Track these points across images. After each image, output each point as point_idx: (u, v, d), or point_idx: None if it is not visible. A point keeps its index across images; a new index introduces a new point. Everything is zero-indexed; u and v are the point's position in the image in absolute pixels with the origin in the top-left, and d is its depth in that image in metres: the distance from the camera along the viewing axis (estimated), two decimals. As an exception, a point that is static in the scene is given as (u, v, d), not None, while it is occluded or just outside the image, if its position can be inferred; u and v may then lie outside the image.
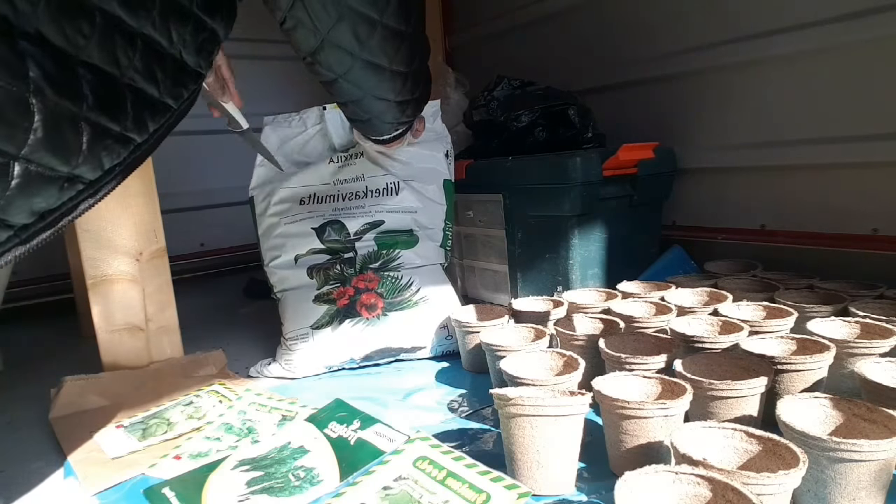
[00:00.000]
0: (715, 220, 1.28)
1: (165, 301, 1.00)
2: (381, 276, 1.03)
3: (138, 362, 0.98)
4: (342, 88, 0.69)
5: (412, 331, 0.99)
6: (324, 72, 0.67)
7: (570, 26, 1.54)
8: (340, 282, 1.03)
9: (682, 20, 1.28)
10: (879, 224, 1.04)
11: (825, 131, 1.08)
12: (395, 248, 1.07)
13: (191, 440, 0.75)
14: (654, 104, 1.36)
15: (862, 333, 0.74)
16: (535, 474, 0.59)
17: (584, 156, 1.07)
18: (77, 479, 0.69)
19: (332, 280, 1.03)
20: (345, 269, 1.03)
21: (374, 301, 0.99)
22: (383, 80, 0.67)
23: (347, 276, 1.03)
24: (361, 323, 0.98)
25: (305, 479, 0.63)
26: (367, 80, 0.67)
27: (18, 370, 1.14)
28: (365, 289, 1.01)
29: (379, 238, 1.08)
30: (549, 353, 0.76)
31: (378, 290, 1.01)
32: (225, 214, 1.90)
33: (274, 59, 1.89)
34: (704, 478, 0.47)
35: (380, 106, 0.72)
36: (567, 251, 1.10)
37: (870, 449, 0.48)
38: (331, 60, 0.64)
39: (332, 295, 1.01)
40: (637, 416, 0.58)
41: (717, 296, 0.92)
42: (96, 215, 0.93)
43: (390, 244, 1.07)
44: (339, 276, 1.03)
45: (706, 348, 0.73)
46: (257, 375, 1.00)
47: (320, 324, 0.99)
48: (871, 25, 0.99)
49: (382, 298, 1.00)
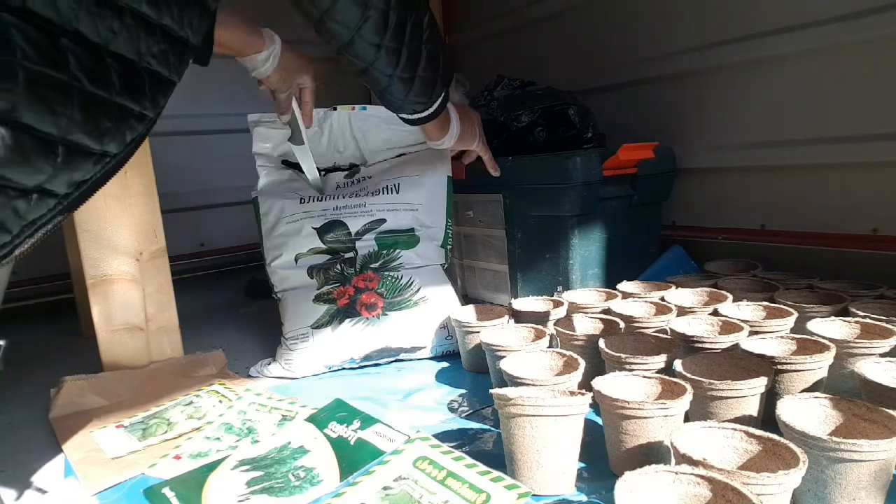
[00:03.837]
0: (715, 220, 1.28)
1: (165, 301, 1.00)
2: (382, 276, 1.03)
3: (138, 362, 0.98)
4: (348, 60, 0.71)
5: (412, 330, 0.99)
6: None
7: (571, 26, 1.54)
8: (340, 281, 1.03)
9: (682, 20, 1.28)
10: (879, 224, 1.04)
11: (825, 131, 1.08)
12: (395, 248, 1.07)
13: (191, 440, 0.75)
14: (654, 104, 1.36)
15: (862, 333, 0.74)
16: (535, 474, 0.59)
17: (584, 156, 1.07)
18: (77, 479, 0.69)
19: (333, 280, 1.03)
20: (345, 269, 1.03)
21: (374, 300, 0.99)
22: (380, 55, 0.68)
23: (348, 275, 1.03)
24: (361, 322, 0.98)
25: (305, 479, 0.63)
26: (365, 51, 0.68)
27: (18, 370, 1.14)
28: (365, 288, 1.01)
29: (380, 238, 1.07)
30: (549, 353, 0.76)
31: (378, 289, 1.01)
32: (225, 214, 1.90)
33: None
34: (704, 478, 0.47)
35: (383, 81, 0.73)
36: (567, 251, 1.10)
37: (870, 449, 0.48)
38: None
39: (333, 294, 1.01)
40: (637, 416, 0.58)
41: (717, 296, 0.92)
42: (96, 215, 0.93)
43: (391, 244, 1.07)
44: (340, 276, 1.03)
45: (706, 348, 0.73)
46: (257, 375, 1.00)
47: (320, 323, 0.99)
48: (872, 25, 0.99)
49: (383, 298, 1.00)
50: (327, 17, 0.62)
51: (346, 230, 1.06)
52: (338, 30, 0.63)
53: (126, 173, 0.95)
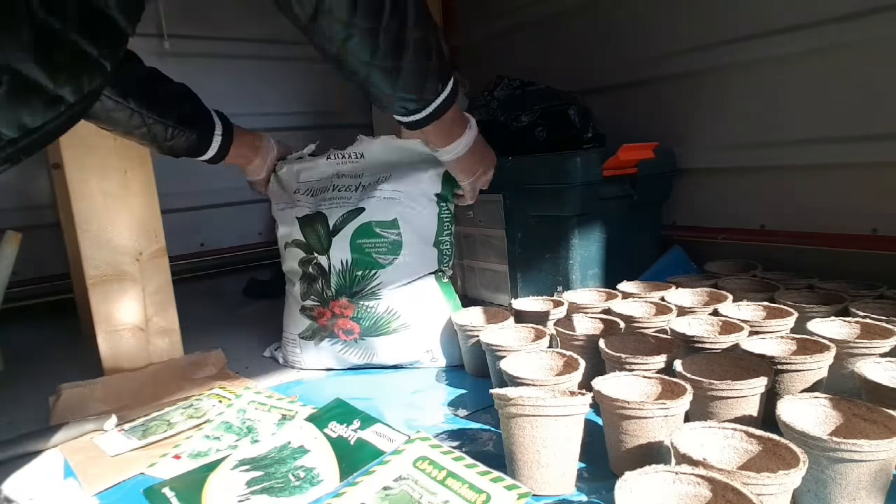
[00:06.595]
0: (715, 220, 1.28)
1: (165, 301, 1.00)
2: (357, 305, 0.95)
3: (138, 362, 0.98)
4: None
5: (392, 354, 0.97)
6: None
7: (571, 26, 1.54)
8: (320, 301, 0.98)
9: (681, 20, 1.28)
10: (879, 224, 1.04)
11: (825, 131, 1.08)
12: (372, 269, 0.94)
13: (190, 439, 0.75)
14: (654, 104, 1.36)
15: (862, 333, 0.74)
16: (535, 474, 0.59)
17: (584, 156, 1.07)
18: (77, 479, 0.69)
19: (314, 295, 0.98)
20: (324, 289, 0.97)
21: (350, 327, 0.97)
22: (352, 38, 0.59)
23: (326, 297, 0.97)
24: (340, 343, 0.98)
25: (305, 479, 0.63)
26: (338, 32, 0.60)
27: (18, 370, 1.14)
28: (341, 315, 0.96)
29: (356, 240, 0.94)
30: (549, 353, 0.76)
31: (353, 317, 0.96)
32: (225, 214, 1.90)
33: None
34: (704, 478, 0.47)
35: (363, 71, 0.64)
36: (567, 251, 1.10)
37: (870, 449, 0.48)
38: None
39: (314, 312, 0.98)
40: (637, 416, 0.58)
41: (717, 296, 0.92)
42: (96, 215, 0.93)
43: (368, 264, 0.94)
44: (320, 295, 0.97)
45: (706, 348, 0.73)
46: (271, 356, 1.07)
47: (305, 335, 1.00)
48: (872, 25, 0.99)
49: (359, 324, 0.96)
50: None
51: (326, 224, 0.97)
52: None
53: (126, 173, 0.95)
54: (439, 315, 0.99)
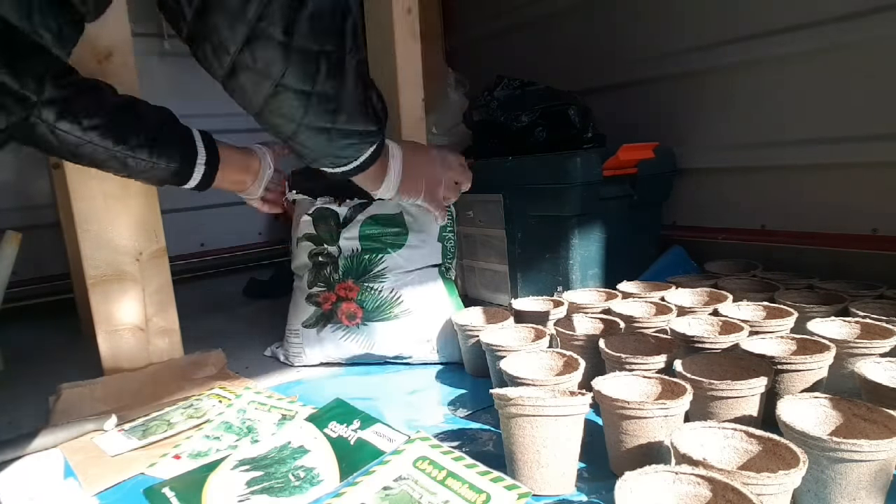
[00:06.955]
0: (715, 220, 1.28)
1: (165, 301, 1.00)
2: (361, 287, 0.99)
3: (138, 362, 0.98)
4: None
5: (392, 341, 0.98)
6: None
7: (571, 26, 1.54)
8: (327, 286, 1.01)
9: (681, 20, 1.28)
10: (879, 224, 1.04)
11: (825, 131, 1.08)
12: (379, 254, 0.99)
13: (190, 439, 0.75)
14: (654, 104, 1.36)
15: (862, 333, 0.74)
16: (535, 474, 0.59)
17: (584, 156, 1.07)
18: (77, 479, 0.69)
19: (320, 282, 1.01)
20: (331, 274, 1.00)
21: (353, 310, 0.98)
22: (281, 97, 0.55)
23: (333, 281, 1.00)
24: (342, 329, 0.99)
25: (305, 479, 0.63)
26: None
27: (18, 370, 1.14)
28: (345, 297, 0.99)
29: (364, 230, 0.99)
30: (549, 353, 0.76)
31: (357, 299, 0.98)
32: (225, 214, 1.90)
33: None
34: (704, 478, 0.47)
35: (289, 127, 0.59)
36: (567, 251, 1.10)
37: (870, 449, 0.48)
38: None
39: (319, 298, 1.01)
40: (637, 416, 0.58)
41: (717, 296, 0.92)
42: (96, 215, 0.93)
43: (376, 249, 0.99)
44: (326, 281, 1.01)
45: (706, 348, 0.73)
46: (271, 355, 1.06)
47: (309, 324, 1.01)
48: (872, 25, 0.99)
49: (362, 308, 0.98)
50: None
51: (336, 218, 1.01)
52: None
53: (126, 173, 0.95)
54: (441, 307, 1.01)
